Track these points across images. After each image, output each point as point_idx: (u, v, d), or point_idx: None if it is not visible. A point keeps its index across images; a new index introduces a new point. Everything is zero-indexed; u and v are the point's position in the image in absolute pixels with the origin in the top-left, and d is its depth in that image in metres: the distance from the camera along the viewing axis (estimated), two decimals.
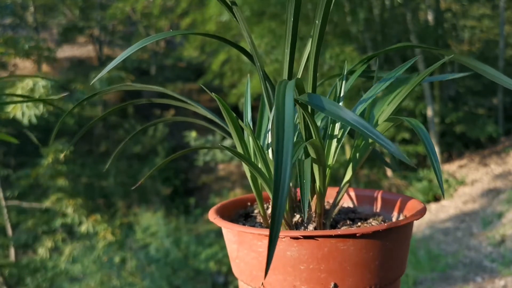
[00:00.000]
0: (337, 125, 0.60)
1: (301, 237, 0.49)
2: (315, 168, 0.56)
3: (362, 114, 0.61)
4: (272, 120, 0.38)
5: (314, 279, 0.50)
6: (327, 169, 0.58)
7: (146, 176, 0.67)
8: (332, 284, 0.49)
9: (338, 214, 0.65)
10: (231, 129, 0.58)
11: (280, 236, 0.49)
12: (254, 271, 0.54)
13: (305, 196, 0.44)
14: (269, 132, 0.62)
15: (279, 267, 0.51)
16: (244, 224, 0.65)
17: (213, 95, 0.56)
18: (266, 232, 0.50)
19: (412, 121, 0.51)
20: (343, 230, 0.49)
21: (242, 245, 0.55)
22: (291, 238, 0.49)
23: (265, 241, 0.51)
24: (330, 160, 0.58)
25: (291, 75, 0.54)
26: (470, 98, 7.22)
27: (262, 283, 0.53)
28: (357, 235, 0.49)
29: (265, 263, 0.49)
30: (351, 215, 0.63)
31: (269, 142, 0.62)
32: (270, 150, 0.61)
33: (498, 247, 3.60)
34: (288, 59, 0.53)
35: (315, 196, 0.57)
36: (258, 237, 0.52)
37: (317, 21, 0.49)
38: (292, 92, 0.41)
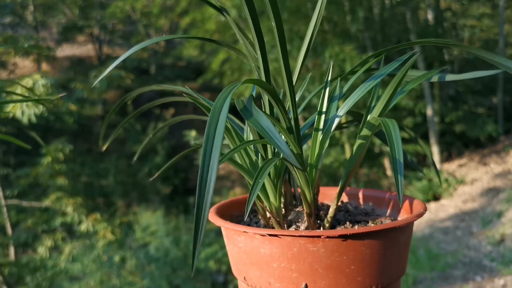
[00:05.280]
0: (321, 123, 0.59)
1: (267, 235, 0.50)
2: (294, 169, 0.56)
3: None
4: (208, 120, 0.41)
5: (286, 277, 0.50)
6: (313, 169, 0.58)
7: (160, 171, 0.71)
8: (303, 285, 0.50)
9: (346, 214, 0.64)
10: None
11: (250, 232, 0.52)
12: (238, 265, 0.56)
13: (253, 195, 0.45)
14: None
15: (256, 263, 0.53)
16: (250, 220, 0.66)
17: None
18: (243, 228, 0.53)
19: (388, 122, 0.51)
20: (308, 231, 0.50)
21: (228, 240, 0.57)
22: (260, 235, 0.51)
23: (243, 237, 0.53)
24: (313, 160, 0.58)
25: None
26: (470, 97, 7.22)
27: (244, 277, 0.55)
28: (322, 237, 0.48)
29: (245, 258, 0.54)
30: (359, 217, 0.63)
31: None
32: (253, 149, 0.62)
33: (498, 246, 3.60)
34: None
35: (306, 196, 0.57)
36: (237, 233, 0.54)
37: (273, 23, 0.50)
38: (229, 99, 0.43)
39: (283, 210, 0.63)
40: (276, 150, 0.59)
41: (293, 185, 0.68)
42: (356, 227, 0.59)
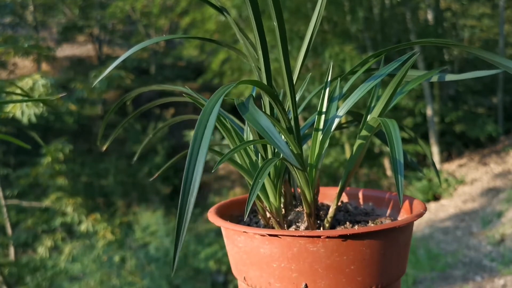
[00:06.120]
0: (321, 123, 0.59)
1: (267, 235, 0.50)
2: (294, 169, 0.56)
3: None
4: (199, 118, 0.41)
5: (286, 277, 0.50)
6: (313, 169, 0.58)
7: (160, 171, 0.71)
8: (303, 285, 0.50)
9: (346, 214, 0.64)
10: (223, 130, 0.59)
11: (250, 232, 0.52)
12: (238, 265, 0.56)
13: (252, 195, 0.45)
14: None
15: (256, 263, 0.52)
16: (250, 220, 0.66)
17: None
18: (243, 228, 0.53)
19: (388, 122, 0.51)
20: (308, 231, 0.50)
21: (228, 240, 0.57)
22: (260, 235, 0.51)
23: (243, 237, 0.53)
24: (313, 160, 0.58)
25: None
26: (470, 97, 7.22)
27: (244, 277, 0.55)
28: (322, 237, 0.48)
29: (245, 258, 0.54)
30: (359, 217, 0.63)
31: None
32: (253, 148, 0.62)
33: (498, 246, 3.60)
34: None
35: (306, 196, 0.57)
36: (237, 233, 0.54)
37: (275, 23, 0.50)
38: (221, 101, 0.43)
39: (283, 210, 0.63)
40: (276, 150, 0.59)
41: (293, 185, 0.68)
42: (356, 227, 0.59)
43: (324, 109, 0.60)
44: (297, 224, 0.60)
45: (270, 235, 0.50)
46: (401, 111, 6.44)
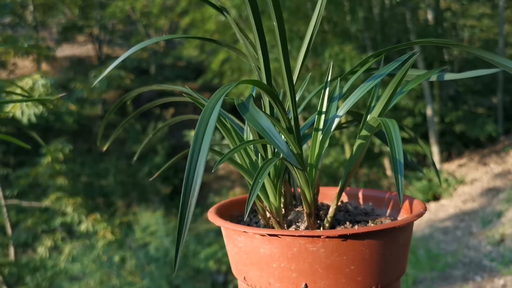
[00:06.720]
0: (321, 123, 0.59)
1: (267, 235, 0.50)
2: (294, 169, 0.56)
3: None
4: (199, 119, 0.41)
5: (286, 277, 0.50)
6: (313, 169, 0.58)
7: (160, 171, 0.71)
8: (303, 285, 0.50)
9: (346, 214, 0.64)
10: (223, 130, 0.59)
11: (250, 232, 0.52)
12: (238, 265, 0.56)
13: (252, 195, 0.45)
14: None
15: (256, 263, 0.52)
16: (250, 220, 0.66)
17: None
18: (243, 228, 0.53)
19: (388, 122, 0.51)
20: (308, 231, 0.49)
21: (228, 240, 0.57)
22: (260, 235, 0.51)
23: (243, 237, 0.53)
24: (313, 160, 0.58)
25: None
26: (470, 97, 7.22)
27: (244, 277, 0.55)
28: (322, 237, 0.48)
29: (245, 258, 0.54)
30: (358, 217, 0.63)
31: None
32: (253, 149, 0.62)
33: (498, 246, 3.60)
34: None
35: (306, 196, 0.57)
36: (237, 233, 0.54)
37: (275, 23, 0.50)
38: (221, 101, 0.43)
39: (283, 210, 0.63)
40: (276, 150, 0.59)
41: (293, 185, 0.68)
42: (356, 227, 0.59)
43: (324, 109, 0.60)
44: (297, 224, 0.60)
45: (270, 235, 0.50)
46: (401, 111, 6.44)
